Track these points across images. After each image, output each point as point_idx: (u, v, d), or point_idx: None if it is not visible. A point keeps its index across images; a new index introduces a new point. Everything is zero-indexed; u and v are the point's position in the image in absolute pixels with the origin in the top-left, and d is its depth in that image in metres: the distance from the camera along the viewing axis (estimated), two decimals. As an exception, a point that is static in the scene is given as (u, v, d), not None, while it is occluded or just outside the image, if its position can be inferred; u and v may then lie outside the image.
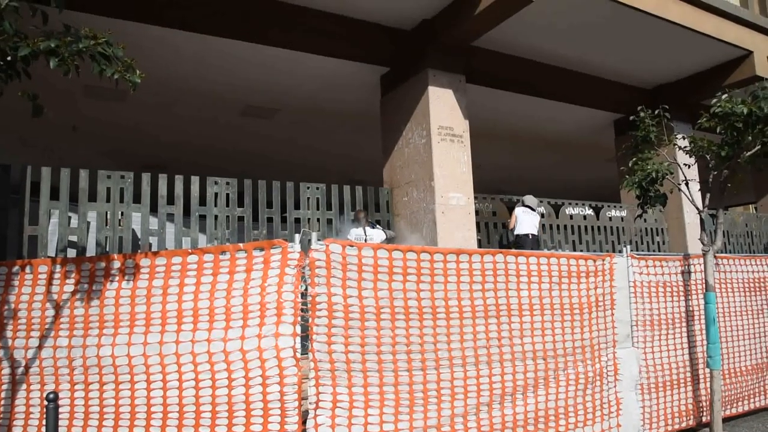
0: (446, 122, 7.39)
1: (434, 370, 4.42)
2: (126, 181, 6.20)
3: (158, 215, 6.37)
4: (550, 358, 5.03)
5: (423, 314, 4.43)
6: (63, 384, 4.06)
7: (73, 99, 8.55)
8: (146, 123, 10.18)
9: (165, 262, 4.15)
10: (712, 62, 9.46)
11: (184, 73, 8.14)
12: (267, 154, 12.41)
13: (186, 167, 8.63)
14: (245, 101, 9.48)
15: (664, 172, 6.02)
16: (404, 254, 4.41)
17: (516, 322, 4.89)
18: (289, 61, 7.82)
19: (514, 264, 4.97)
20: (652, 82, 10.39)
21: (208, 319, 4.03)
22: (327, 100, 9.52)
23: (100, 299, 4.12)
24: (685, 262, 6.31)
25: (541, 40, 8.37)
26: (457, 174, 7.37)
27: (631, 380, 5.61)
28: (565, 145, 13.18)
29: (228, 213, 6.65)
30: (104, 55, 3.13)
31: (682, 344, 6.09)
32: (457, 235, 7.17)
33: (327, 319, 4.05)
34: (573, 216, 9.51)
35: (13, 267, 4.24)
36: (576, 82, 9.67)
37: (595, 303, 5.45)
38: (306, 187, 7.15)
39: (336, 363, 4.06)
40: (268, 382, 3.90)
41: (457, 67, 7.67)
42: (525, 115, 10.79)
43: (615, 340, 5.56)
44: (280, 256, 4.03)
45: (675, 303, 6.13)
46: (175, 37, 6.88)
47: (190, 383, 3.97)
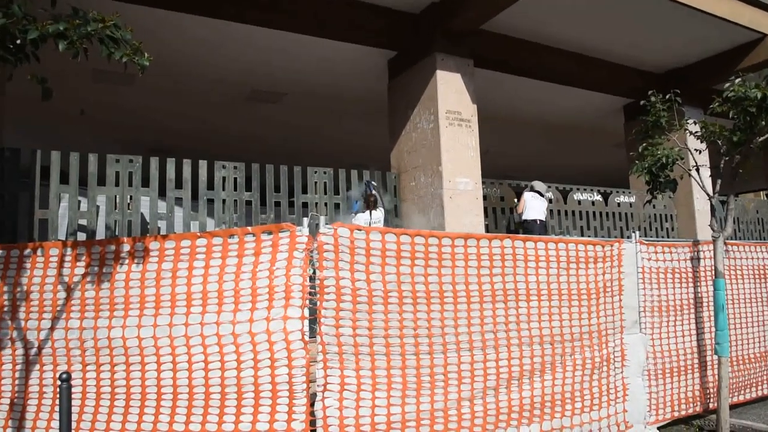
0: (454, 107, 7.35)
1: (441, 354, 4.44)
2: (134, 165, 6.22)
3: (166, 199, 6.40)
4: (557, 343, 5.04)
5: (430, 298, 4.44)
6: (75, 365, 4.11)
7: (81, 83, 8.56)
8: (152, 108, 10.18)
9: (174, 245, 4.18)
10: (726, 46, 9.32)
11: (190, 57, 8.12)
12: (274, 138, 12.40)
13: (192, 152, 8.64)
14: (251, 85, 9.45)
15: (674, 158, 5.97)
16: (412, 239, 4.42)
17: (523, 307, 4.89)
18: (296, 45, 7.78)
19: (522, 249, 4.96)
20: (664, 66, 10.26)
21: (216, 302, 4.06)
22: (334, 85, 9.48)
23: (111, 282, 4.16)
24: (695, 249, 6.28)
25: (550, 24, 8.27)
26: (464, 159, 7.34)
27: (638, 366, 5.62)
28: (574, 130, 13.08)
29: (236, 197, 6.67)
30: (112, 38, 3.13)
31: (690, 331, 6.08)
32: (465, 220, 7.16)
33: (335, 302, 4.07)
34: (581, 201, 9.47)
35: (24, 250, 4.28)
36: (586, 66, 9.56)
37: (603, 288, 5.45)
38: (313, 171, 7.15)
39: (344, 346, 4.09)
40: (277, 365, 3.93)
41: (465, 51, 7.60)
42: (533, 100, 10.70)
43: (623, 326, 5.56)
44: (288, 239, 4.04)
45: (684, 289, 6.11)
46: (180, 21, 6.85)
47: (200, 365, 4.00)
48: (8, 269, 4.27)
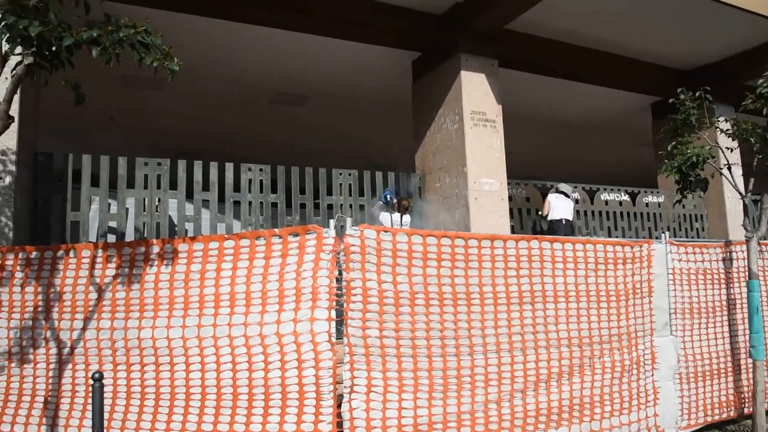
0: (479, 107, 7.31)
1: (468, 356, 4.41)
2: (163, 168, 6.32)
3: (194, 201, 6.49)
4: (586, 346, 4.97)
5: (457, 300, 4.42)
6: (106, 365, 4.18)
7: (111, 89, 8.72)
8: (179, 112, 10.34)
9: (202, 247, 4.23)
10: (757, 41, 9.09)
11: (214, 60, 8.22)
12: (298, 140, 12.48)
13: (218, 154, 8.75)
14: (275, 88, 9.53)
15: (705, 156, 5.85)
16: (438, 240, 4.40)
17: (551, 308, 4.83)
18: (319, 47, 7.83)
19: (550, 250, 4.90)
20: (692, 63, 10.05)
21: (244, 304, 4.09)
22: (357, 86, 9.51)
23: (140, 283, 4.23)
24: (727, 249, 6.14)
25: (575, 23, 8.17)
26: (489, 159, 7.29)
27: (669, 369, 5.51)
28: (600, 130, 12.90)
29: (262, 199, 6.73)
30: (143, 43, 3.19)
31: (722, 333, 5.94)
32: (490, 221, 7.12)
33: (361, 304, 4.07)
34: (608, 202, 9.34)
35: (57, 251, 4.37)
36: (612, 64, 9.42)
37: (632, 290, 5.35)
38: (338, 173, 7.17)
39: (370, 348, 4.09)
40: (304, 366, 3.94)
41: (489, 51, 7.56)
42: (559, 99, 10.59)
43: (653, 328, 5.45)
44: (315, 241, 4.05)
45: (716, 291, 5.98)
46: (205, 26, 6.95)
47: (228, 366, 4.04)
48: (42, 270, 4.36)
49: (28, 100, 5.44)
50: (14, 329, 4.28)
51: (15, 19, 2.89)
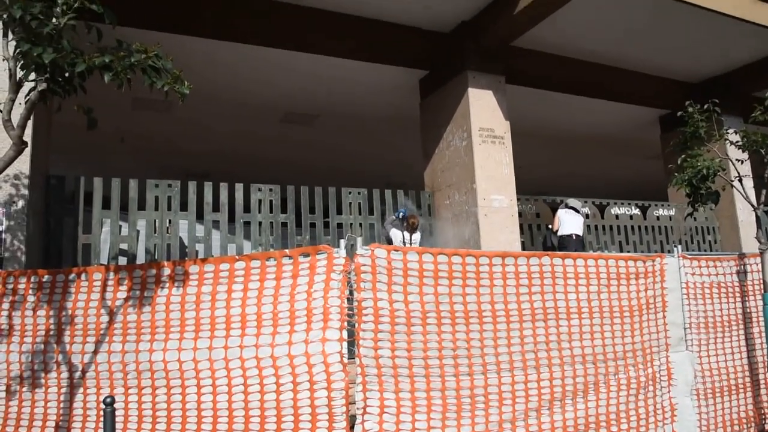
0: (487, 124, 7.32)
1: (481, 375, 4.36)
2: (173, 189, 6.35)
3: (204, 222, 6.51)
4: (600, 363, 4.91)
5: (469, 318, 4.38)
6: (117, 388, 4.17)
7: (121, 112, 8.83)
8: (189, 133, 10.43)
9: (213, 268, 4.23)
10: (764, 53, 9.08)
11: (225, 82, 8.31)
12: (307, 159, 12.54)
13: (228, 175, 8.80)
14: (284, 108, 9.61)
15: (715, 169, 5.81)
16: (449, 258, 4.38)
17: (564, 325, 4.78)
18: (328, 67, 7.89)
19: (561, 266, 4.86)
20: (700, 75, 10.05)
21: (255, 325, 4.08)
22: (366, 105, 9.56)
23: (152, 305, 4.23)
24: (741, 262, 6.06)
25: (581, 38, 8.20)
26: (499, 176, 7.29)
27: (685, 385, 5.42)
28: (609, 143, 12.87)
29: (272, 219, 6.75)
30: (154, 67, 3.22)
31: (739, 348, 5.85)
32: (501, 237, 7.09)
33: (373, 324, 4.05)
34: (619, 216, 9.28)
35: (69, 274, 4.39)
36: (619, 78, 9.44)
37: (646, 305, 5.29)
38: (348, 192, 7.19)
39: (383, 368, 4.05)
40: (316, 387, 3.92)
41: (496, 68, 7.59)
42: (567, 114, 10.59)
43: (668, 344, 5.38)
44: (325, 261, 4.05)
45: (731, 304, 5.89)
46: (216, 48, 7.04)
47: (239, 388, 4.02)
48: (54, 294, 4.38)
49: (41, 125, 5.51)
50: (26, 353, 4.28)
51: (29, 46, 2.94)
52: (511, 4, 6.64)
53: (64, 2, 2.99)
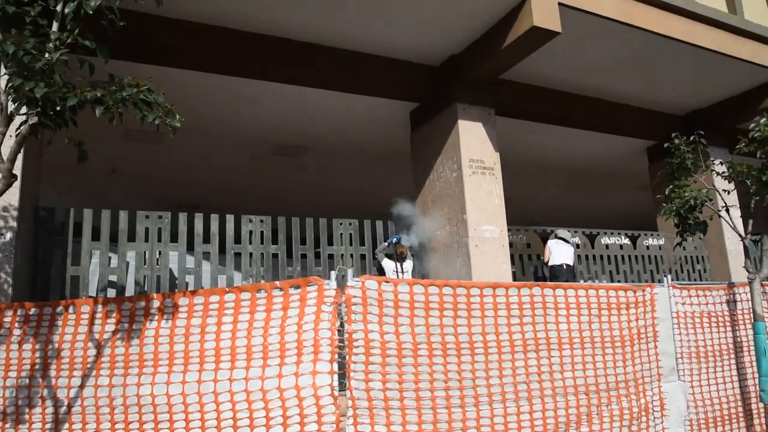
0: (477, 155, 7.40)
1: (473, 407, 4.33)
2: (164, 221, 6.34)
3: (194, 254, 6.48)
4: (593, 393, 4.88)
5: (461, 350, 4.36)
6: (104, 423, 4.09)
7: (112, 143, 8.85)
8: (180, 164, 10.45)
9: (203, 300, 4.21)
10: (748, 86, 9.28)
11: (217, 114, 8.37)
12: (299, 190, 12.58)
13: (220, 206, 8.81)
14: (275, 140, 9.67)
15: (702, 199, 5.89)
16: (440, 289, 4.38)
17: (556, 356, 4.77)
18: (319, 100, 7.98)
19: (552, 297, 4.88)
20: (686, 107, 10.25)
21: (245, 358, 4.04)
22: (356, 137, 9.65)
23: (140, 338, 4.18)
24: (730, 291, 6.10)
25: (569, 71, 8.37)
26: (489, 207, 7.33)
27: (678, 415, 5.39)
28: (597, 174, 13.02)
29: (262, 250, 6.73)
30: (146, 101, 3.26)
31: (731, 377, 5.84)
32: (492, 268, 7.09)
33: (364, 356, 4.03)
34: (609, 246, 9.33)
35: (57, 307, 4.35)
36: (607, 111, 9.60)
37: (637, 335, 5.30)
38: (339, 223, 7.20)
39: (374, 400, 4.01)
40: (306, 420, 3.87)
41: (486, 100, 7.71)
42: (556, 146, 10.73)
43: (660, 374, 5.37)
44: (316, 293, 4.04)
45: (721, 334, 5.91)
46: (206, 80, 7.10)
47: (228, 422, 3.96)
48: (41, 327, 4.32)
49: (31, 157, 5.52)
50: (10, 388, 4.20)
51: (21, 81, 2.97)
52: (499, 39, 6.79)
53: (57, 38, 3.04)
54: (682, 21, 7.68)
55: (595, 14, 6.79)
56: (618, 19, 6.96)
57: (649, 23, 7.27)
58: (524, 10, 6.42)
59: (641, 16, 7.20)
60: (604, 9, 6.84)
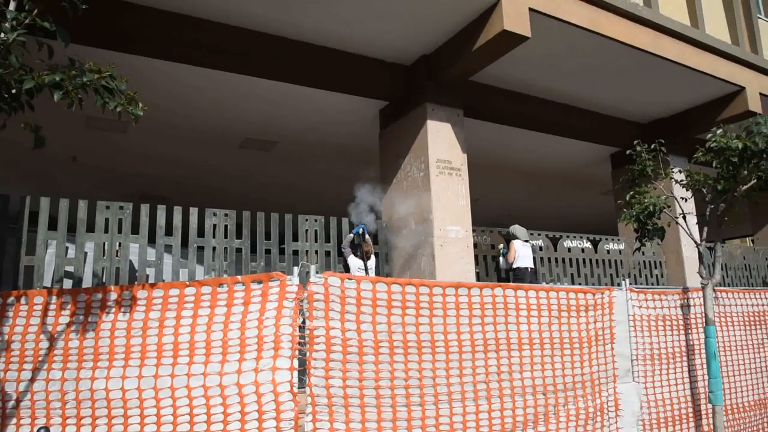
0: (444, 156, 7.45)
1: (433, 406, 4.36)
2: (125, 212, 6.19)
3: (156, 246, 6.35)
4: (551, 393, 4.97)
5: (422, 348, 4.39)
6: (54, 418, 3.97)
7: (73, 130, 8.62)
8: (146, 154, 10.23)
9: (162, 294, 4.12)
10: (707, 98, 9.60)
11: (183, 104, 8.23)
12: (265, 185, 12.45)
13: (184, 198, 8.65)
14: (244, 133, 9.55)
15: (661, 206, 6.05)
16: (403, 288, 4.40)
17: (516, 356, 4.84)
18: (289, 95, 7.92)
19: (513, 297, 4.95)
20: (649, 116, 10.51)
21: (204, 353, 3.98)
22: (326, 133, 9.61)
23: (96, 331, 4.08)
24: (684, 296, 6.28)
25: (537, 76, 8.50)
26: (455, 207, 7.39)
27: (632, 416, 5.53)
28: (563, 178, 13.25)
29: (226, 244, 6.64)
30: (108, 88, 3.17)
31: (683, 379, 6.02)
32: (456, 267, 7.15)
33: (325, 353, 4.01)
34: (571, 249, 9.51)
35: (8, 298, 4.20)
36: (573, 116, 9.78)
37: (595, 337, 5.41)
38: (304, 219, 7.15)
39: (333, 398, 4.00)
40: (264, 417, 3.83)
41: (455, 101, 7.77)
42: (522, 149, 10.88)
43: (615, 375, 5.50)
44: (278, 288, 4.01)
45: (675, 337, 6.08)
46: (175, 71, 6.98)
47: (185, 418, 3.89)
48: (-9, 318, 4.17)
49: (-14, 142, 5.33)
50: (-44, 381, 4.05)
51: (-26, 61, 2.86)
52: (470, 41, 6.85)
53: (14, 18, 2.93)
54: (649, 32, 7.89)
55: (565, 21, 6.91)
56: (587, 27, 7.10)
57: (617, 33, 7.44)
58: (495, 14, 6.49)
59: (609, 26, 7.36)
60: (573, 17, 6.97)
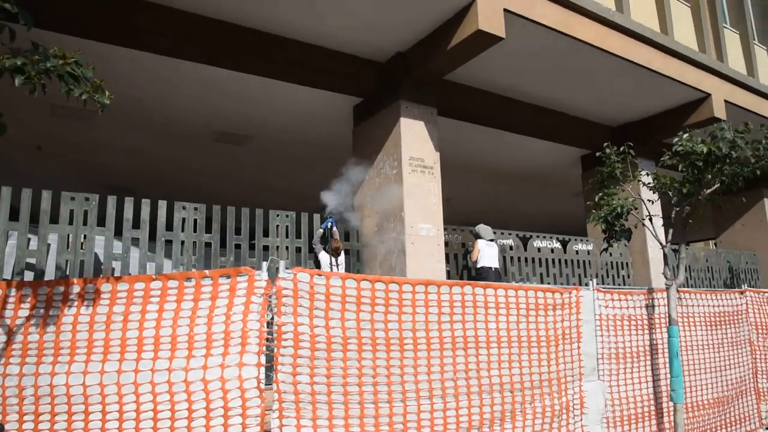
0: (417, 153, 7.46)
1: (401, 403, 4.36)
2: (91, 203, 6.04)
3: (123, 239, 6.22)
4: (518, 391, 5.02)
5: (390, 345, 4.39)
6: (11, 414, 3.86)
7: (38, 117, 8.38)
8: (115, 145, 10.02)
9: (127, 287, 4.04)
10: (674, 103, 9.82)
11: (156, 96, 8.07)
12: (238, 180, 12.31)
13: (154, 191, 8.49)
14: (217, 127, 9.42)
15: (628, 208, 6.17)
16: (373, 284, 4.39)
17: (484, 354, 4.87)
18: (263, 89, 7.84)
19: (482, 296, 4.98)
20: (618, 120, 10.70)
21: (169, 348, 3.91)
22: (300, 128, 9.54)
23: (57, 325, 3.97)
24: (649, 296, 6.42)
25: (511, 77, 8.57)
26: (427, 205, 7.41)
27: (597, 413, 5.63)
28: (534, 179, 13.41)
29: (195, 239, 6.53)
30: (73, 75, 3.08)
31: (646, 377, 6.15)
32: (427, 265, 7.17)
33: (293, 349, 3.98)
34: (541, 249, 9.62)
35: (-35, 290, 4.06)
36: (545, 118, 9.89)
37: (562, 336, 5.49)
38: (276, 214, 7.08)
39: (301, 394, 3.97)
40: (230, 414, 3.79)
41: (429, 99, 7.78)
42: (495, 149, 10.97)
43: (581, 373, 5.59)
44: (246, 283, 3.96)
45: (640, 336, 6.21)
46: (148, 61, 6.84)
47: (149, 414, 3.82)
48: (-54, 311, 4.03)
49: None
50: None
51: (-69, 43, 2.75)
52: (445, 40, 6.86)
53: (-28, -1, 2.83)
54: (620, 37, 8.02)
55: (539, 23, 6.98)
56: (560, 30, 7.18)
57: (589, 36, 7.54)
58: (470, 14, 6.52)
59: (581, 29, 7.46)
60: (547, 19, 7.04)
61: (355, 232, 7.89)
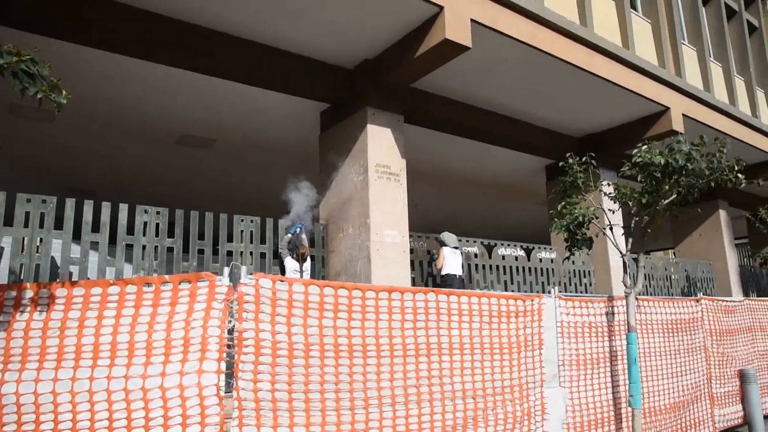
0: (384, 160, 7.48)
1: (363, 410, 4.34)
2: (48, 205, 5.88)
3: (81, 243, 6.06)
4: (480, 398, 5.06)
5: (353, 352, 4.37)
6: (-43, 425, 3.71)
7: (-5, 118, 8.14)
8: (76, 147, 9.77)
9: (83, 292, 3.92)
10: (636, 115, 10.10)
11: (118, 96, 7.92)
12: (201, 184, 12.14)
13: (115, 194, 8.30)
14: (181, 130, 9.28)
15: (590, 217, 6.29)
16: (336, 291, 4.37)
17: (446, 361, 4.89)
18: (227, 91, 7.76)
19: (445, 303, 5.00)
20: (582, 131, 10.94)
21: (126, 355, 3.81)
22: (266, 133, 9.47)
23: (7, 331, 3.83)
24: (609, 304, 6.55)
25: (477, 87, 8.69)
26: (393, 212, 7.43)
27: (558, 420, 5.70)
28: (499, 188, 13.59)
29: (157, 243, 6.41)
30: (28, 72, 2.99)
31: (606, 383, 6.27)
32: (392, 272, 7.18)
33: (254, 356, 3.93)
34: (505, 256, 9.74)
35: None
36: (511, 127, 10.05)
37: (524, 342, 5.55)
38: (240, 219, 7.01)
39: (261, 402, 3.92)
40: (189, 422, 3.71)
41: (396, 107, 7.82)
42: (461, 157, 11.08)
43: (543, 380, 5.65)
44: (207, 289, 3.89)
45: (600, 343, 6.32)
46: (108, 60, 6.69)
47: (104, 423, 3.71)
48: None
49: None
50: None
51: None
52: (413, 48, 6.92)
53: None
54: (583, 50, 8.22)
55: (505, 34, 7.10)
56: (526, 41, 7.32)
57: (553, 48, 7.71)
58: (438, 23, 6.59)
59: (546, 41, 7.62)
60: (513, 30, 7.17)
61: (320, 238, 7.86)
